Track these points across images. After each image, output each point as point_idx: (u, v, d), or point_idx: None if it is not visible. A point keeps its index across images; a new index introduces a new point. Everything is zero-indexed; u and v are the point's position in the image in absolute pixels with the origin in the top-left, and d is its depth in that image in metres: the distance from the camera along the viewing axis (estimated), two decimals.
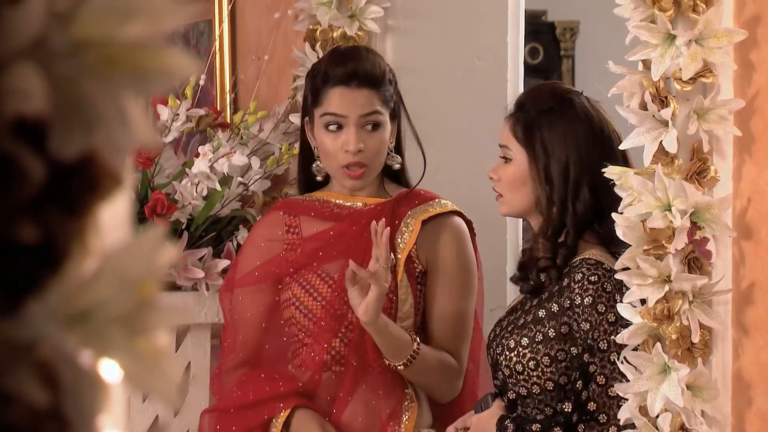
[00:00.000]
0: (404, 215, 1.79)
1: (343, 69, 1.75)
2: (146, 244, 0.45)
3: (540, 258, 1.61)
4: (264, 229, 1.83)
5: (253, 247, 1.82)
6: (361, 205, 1.80)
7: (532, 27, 4.19)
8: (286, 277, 1.77)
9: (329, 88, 1.76)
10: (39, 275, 0.44)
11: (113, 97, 0.44)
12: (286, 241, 1.80)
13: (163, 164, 2.15)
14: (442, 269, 1.79)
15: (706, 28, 1.43)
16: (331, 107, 1.75)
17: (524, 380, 1.58)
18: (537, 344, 1.58)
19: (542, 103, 1.63)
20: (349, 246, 1.76)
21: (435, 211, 1.80)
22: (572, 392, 1.56)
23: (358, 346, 1.73)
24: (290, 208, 1.83)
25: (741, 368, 1.46)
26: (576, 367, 1.56)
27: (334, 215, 1.80)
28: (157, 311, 0.45)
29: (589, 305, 1.53)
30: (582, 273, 1.56)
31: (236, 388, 1.77)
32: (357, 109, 1.75)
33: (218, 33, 2.39)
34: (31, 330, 0.44)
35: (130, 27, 0.44)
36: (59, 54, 0.44)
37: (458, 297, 1.79)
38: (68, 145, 0.44)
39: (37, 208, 0.44)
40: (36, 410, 0.43)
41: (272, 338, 1.80)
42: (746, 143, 1.47)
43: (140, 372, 0.45)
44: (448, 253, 1.79)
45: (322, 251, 1.77)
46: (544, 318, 1.58)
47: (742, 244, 1.47)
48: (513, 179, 1.64)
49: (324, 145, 1.77)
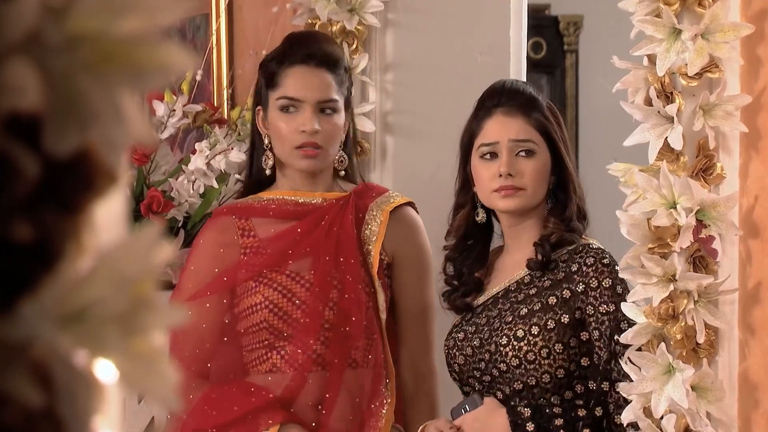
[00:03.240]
0: (367, 208, 1.79)
1: (302, 48, 1.74)
2: (142, 242, 0.45)
3: (551, 235, 1.64)
4: (217, 234, 1.77)
5: (208, 255, 1.76)
6: (321, 201, 1.78)
7: (535, 21, 4.18)
8: (250, 282, 1.73)
9: (286, 68, 1.74)
10: (33, 274, 0.44)
11: (108, 92, 0.44)
12: (242, 245, 1.75)
13: (159, 161, 2.14)
14: (410, 262, 1.79)
15: (713, 23, 1.42)
16: (288, 91, 1.73)
17: (534, 369, 1.58)
18: (549, 332, 1.58)
19: (531, 95, 1.68)
20: (316, 242, 1.74)
21: (397, 202, 1.80)
22: (591, 378, 1.57)
23: (339, 344, 1.71)
24: (240, 212, 1.79)
25: (747, 369, 1.45)
26: (585, 353, 1.58)
27: (292, 213, 1.77)
28: (153, 311, 0.45)
29: (609, 287, 1.56)
30: (593, 257, 1.60)
31: (208, 407, 1.70)
32: (315, 94, 1.73)
33: (215, 27, 2.39)
34: (25, 330, 0.43)
35: (126, 21, 0.43)
36: (53, 49, 0.43)
37: (426, 289, 1.81)
38: (63, 142, 0.44)
39: (31, 206, 0.43)
40: (30, 411, 0.43)
41: (227, 348, 1.74)
42: (753, 140, 1.46)
43: (136, 372, 0.45)
44: (416, 245, 1.80)
45: (291, 250, 1.74)
46: (556, 305, 1.59)
47: (748, 243, 1.45)
48: (539, 171, 1.65)
49: (278, 129, 1.74)
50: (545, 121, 1.66)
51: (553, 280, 1.61)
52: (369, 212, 1.78)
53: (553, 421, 1.56)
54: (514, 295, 1.65)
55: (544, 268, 1.63)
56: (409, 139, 2.04)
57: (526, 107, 1.67)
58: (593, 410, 1.58)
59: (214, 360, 1.74)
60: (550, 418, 1.56)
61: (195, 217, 2.10)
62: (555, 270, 1.62)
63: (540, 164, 1.65)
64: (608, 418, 1.57)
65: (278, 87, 1.74)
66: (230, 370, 1.74)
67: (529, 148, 1.65)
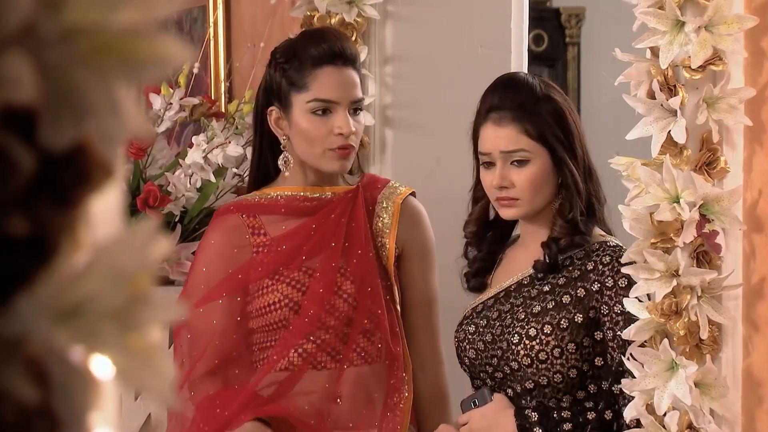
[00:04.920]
0: (376, 200, 1.78)
1: (327, 46, 1.70)
2: (138, 237, 0.44)
3: (560, 238, 1.61)
4: (227, 234, 1.75)
5: (219, 255, 1.74)
6: (330, 195, 1.77)
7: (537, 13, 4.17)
8: (266, 279, 1.72)
9: (314, 69, 1.70)
10: (28, 269, 0.43)
11: (104, 85, 0.43)
12: (253, 244, 1.74)
13: (155, 155, 2.14)
14: (417, 252, 1.79)
15: (716, 15, 1.41)
16: (322, 93, 1.70)
17: (546, 369, 1.57)
18: (562, 331, 1.57)
19: (527, 95, 1.63)
20: (327, 236, 1.73)
21: (404, 194, 1.80)
22: (605, 378, 1.56)
23: (357, 339, 1.71)
24: (248, 209, 1.76)
25: (751, 365, 1.44)
26: (599, 352, 1.56)
27: (304, 209, 1.76)
28: (149, 306, 0.44)
29: (624, 287, 1.53)
30: (609, 255, 1.58)
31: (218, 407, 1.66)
32: (348, 95, 1.72)
33: (212, 19, 2.38)
34: (21, 325, 0.43)
35: (122, 13, 0.43)
36: (49, 41, 0.43)
37: (432, 279, 1.82)
38: (58, 136, 0.43)
39: (27, 200, 0.43)
40: (25, 407, 0.42)
41: (237, 346, 1.73)
42: (757, 133, 1.45)
43: (132, 368, 0.44)
44: (423, 236, 1.81)
45: (305, 246, 1.73)
46: (570, 304, 1.58)
47: (752, 238, 1.45)
48: (535, 179, 1.62)
49: (306, 131, 1.72)
50: (540, 125, 1.61)
51: (568, 278, 1.59)
52: (379, 204, 1.78)
53: (561, 425, 1.54)
54: (527, 290, 1.63)
55: (550, 271, 1.61)
56: (409, 132, 2.04)
57: (519, 112, 1.62)
58: (603, 413, 1.55)
59: (224, 358, 1.73)
60: (558, 422, 1.54)
61: (192, 212, 2.09)
62: (570, 267, 1.60)
63: (534, 172, 1.62)
64: (618, 421, 1.54)
65: (307, 89, 1.70)
66: (238, 367, 1.73)
67: (521, 158, 1.62)
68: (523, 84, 1.66)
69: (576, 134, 1.65)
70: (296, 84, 1.72)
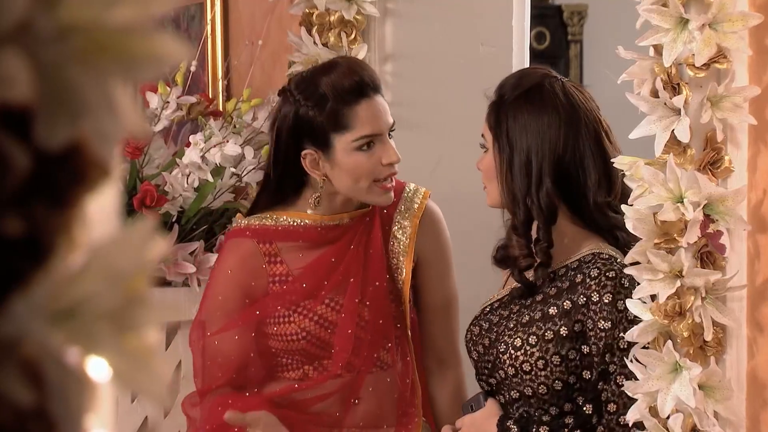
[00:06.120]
0: (392, 219, 1.77)
1: (355, 81, 1.67)
2: (135, 237, 0.44)
3: (518, 257, 1.59)
4: (243, 261, 1.72)
5: (235, 284, 1.72)
6: (348, 220, 1.75)
7: (539, 10, 4.16)
8: (284, 311, 1.71)
9: (351, 106, 1.67)
10: (24, 270, 0.43)
11: (101, 84, 0.43)
12: (270, 273, 1.72)
13: (152, 154, 2.13)
14: (434, 258, 1.79)
15: (721, 12, 1.40)
16: (365, 130, 1.67)
17: (530, 380, 1.56)
18: (546, 343, 1.56)
19: (514, 91, 1.60)
20: (348, 271, 1.73)
21: (422, 207, 1.78)
22: (591, 392, 1.54)
23: (367, 350, 1.72)
24: (263, 236, 1.73)
25: (756, 367, 1.43)
26: (586, 366, 1.54)
27: (322, 238, 1.73)
28: (146, 307, 0.44)
29: (609, 303, 1.52)
30: (598, 269, 1.55)
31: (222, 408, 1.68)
32: (387, 123, 1.71)
33: (210, 17, 2.37)
34: (16, 326, 0.42)
35: (118, 11, 0.42)
36: (45, 39, 0.42)
37: (450, 282, 1.81)
38: (54, 134, 0.43)
39: (22, 200, 0.43)
40: (21, 410, 0.42)
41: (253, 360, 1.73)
42: (762, 132, 1.44)
43: (129, 370, 0.44)
44: (440, 243, 1.80)
45: (326, 280, 1.72)
46: (556, 315, 1.56)
47: (757, 238, 1.44)
48: (488, 168, 1.62)
49: (354, 167, 1.69)
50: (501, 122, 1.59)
51: (559, 288, 1.58)
52: (395, 223, 1.76)
53: None
54: (528, 298, 1.62)
55: (528, 294, 1.60)
56: (410, 131, 2.03)
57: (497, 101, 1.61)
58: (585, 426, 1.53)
59: (240, 373, 1.73)
60: None
61: (189, 212, 2.09)
62: (563, 277, 1.59)
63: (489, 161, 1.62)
64: None
65: (350, 128, 1.67)
66: (253, 377, 1.74)
67: (482, 144, 1.63)
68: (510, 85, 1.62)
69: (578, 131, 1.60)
70: (336, 126, 1.68)
